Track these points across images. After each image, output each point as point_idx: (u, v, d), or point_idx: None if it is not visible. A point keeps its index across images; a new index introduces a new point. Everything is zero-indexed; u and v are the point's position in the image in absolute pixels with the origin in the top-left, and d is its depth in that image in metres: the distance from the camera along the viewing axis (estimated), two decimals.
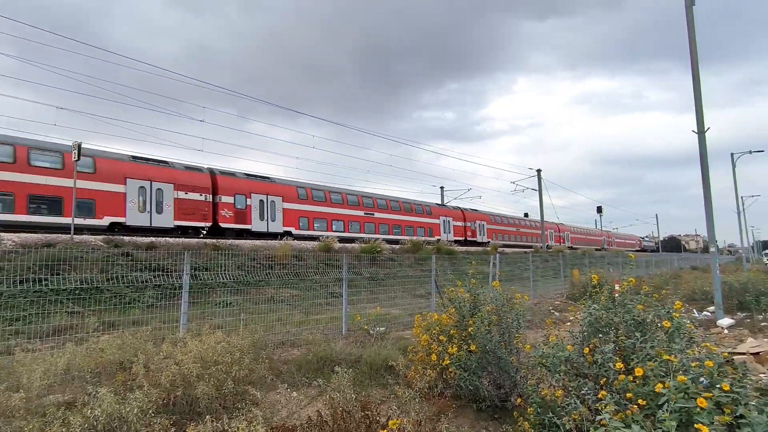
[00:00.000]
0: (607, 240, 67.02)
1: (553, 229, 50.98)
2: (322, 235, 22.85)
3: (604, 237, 66.06)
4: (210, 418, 3.37)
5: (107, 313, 8.33)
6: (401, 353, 6.68)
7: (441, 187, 44.57)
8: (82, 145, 13.96)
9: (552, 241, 48.59)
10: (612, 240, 69.08)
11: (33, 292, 8.47)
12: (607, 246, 64.10)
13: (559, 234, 52.70)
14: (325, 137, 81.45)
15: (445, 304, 6.10)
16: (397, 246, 23.26)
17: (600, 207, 53.17)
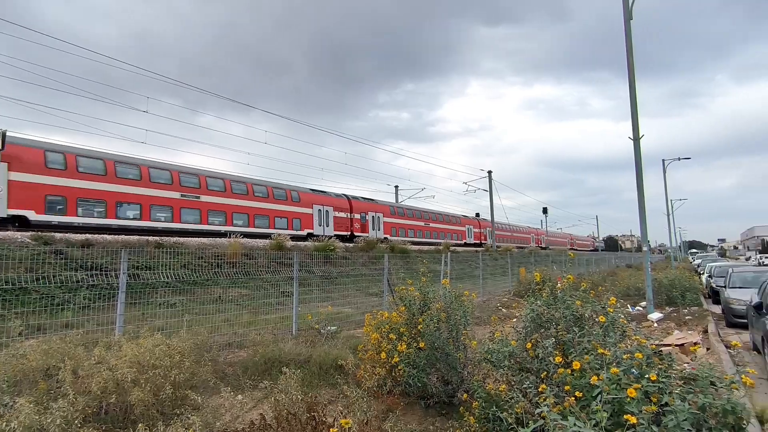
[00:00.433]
0: (536, 237, 61.41)
1: (473, 225, 46.40)
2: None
3: (532, 235, 60.47)
4: (143, 426, 3.17)
5: (34, 316, 7.70)
6: (352, 352, 6.64)
7: (395, 187, 44.95)
8: (7, 134, 12.81)
9: (471, 238, 44.77)
10: (541, 237, 63.32)
11: None
12: (536, 244, 58.44)
13: (480, 230, 47.30)
14: (279, 133, 79.76)
15: (396, 303, 6.13)
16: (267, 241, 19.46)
17: (545, 208, 55.75)
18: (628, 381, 3.04)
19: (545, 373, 3.76)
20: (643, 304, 13.53)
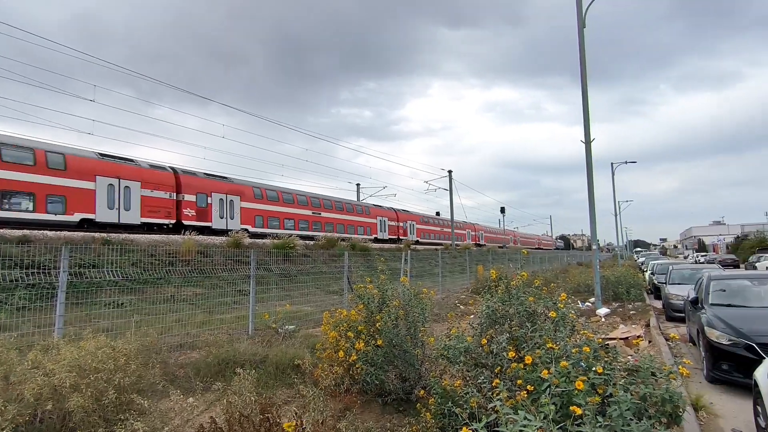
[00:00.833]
0: (473, 234, 56.29)
1: (388, 217, 39.94)
2: None
3: (468, 231, 54.79)
4: None
5: None
6: (310, 351, 6.55)
7: (357, 185, 44.82)
8: None
9: (385, 232, 38.44)
10: (479, 234, 58.07)
11: None
12: (472, 240, 53.87)
13: (398, 224, 40.93)
14: (237, 127, 77.59)
15: (355, 300, 6.10)
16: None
17: (503, 208, 57.36)
18: (576, 374, 3.16)
19: (499, 368, 3.84)
20: (592, 300, 14.17)
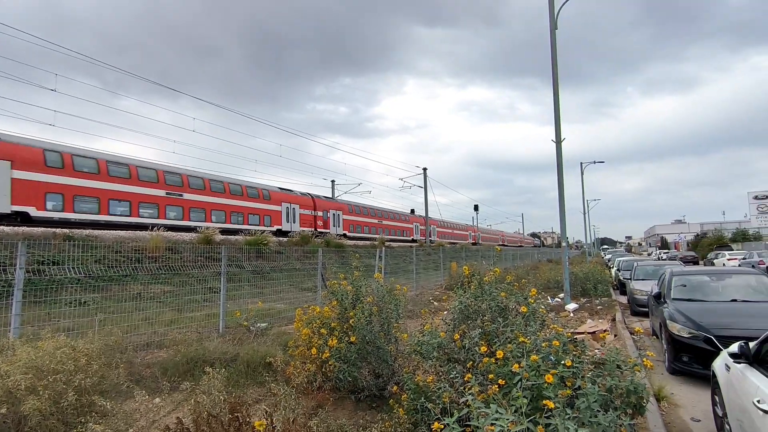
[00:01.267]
0: (416, 227, 47.79)
1: (299, 203, 31.35)
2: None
3: (415, 224, 47.48)
4: None
5: None
6: (282, 349, 6.46)
7: (332, 181, 44.48)
8: None
9: (294, 223, 29.86)
10: (432, 229, 47.46)
11: None
12: (420, 235, 46.63)
13: (314, 212, 32.89)
14: (209, 121, 75.73)
15: (329, 297, 6.04)
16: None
17: (477, 206, 58.21)
18: (546, 367, 3.21)
19: (471, 362, 3.88)
20: (562, 295, 14.54)
